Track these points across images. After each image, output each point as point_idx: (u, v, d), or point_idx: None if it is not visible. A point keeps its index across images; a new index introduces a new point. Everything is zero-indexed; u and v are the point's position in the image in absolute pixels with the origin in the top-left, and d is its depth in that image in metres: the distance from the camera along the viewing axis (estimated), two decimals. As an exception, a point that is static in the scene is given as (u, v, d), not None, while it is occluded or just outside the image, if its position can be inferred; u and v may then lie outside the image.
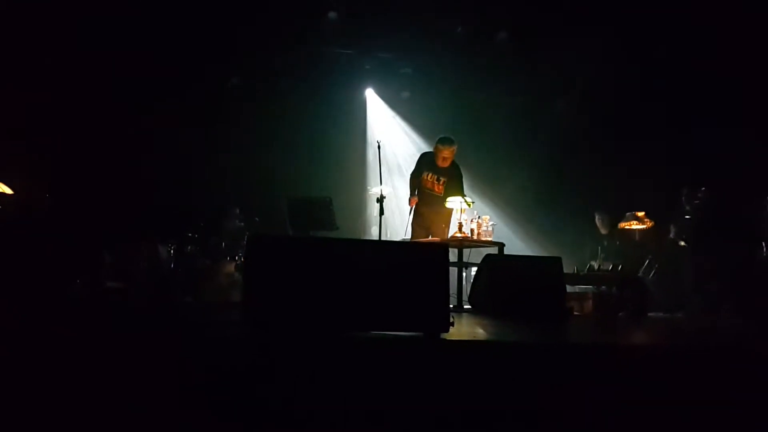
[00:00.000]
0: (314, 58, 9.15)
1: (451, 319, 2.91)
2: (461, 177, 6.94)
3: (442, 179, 6.90)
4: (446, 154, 6.80)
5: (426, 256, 2.93)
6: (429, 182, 6.95)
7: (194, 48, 8.20)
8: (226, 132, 8.69)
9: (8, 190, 6.60)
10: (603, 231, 8.22)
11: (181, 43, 8.08)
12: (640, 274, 7.28)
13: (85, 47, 7.58)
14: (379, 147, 6.98)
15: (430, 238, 6.84)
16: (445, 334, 2.86)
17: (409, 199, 7.00)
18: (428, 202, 6.91)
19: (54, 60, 7.45)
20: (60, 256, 5.99)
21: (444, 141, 6.84)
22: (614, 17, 7.95)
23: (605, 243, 8.12)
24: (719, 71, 7.71)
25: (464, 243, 6.70)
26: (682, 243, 7.61)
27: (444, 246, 3.08)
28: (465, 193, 6.84)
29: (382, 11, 8.38)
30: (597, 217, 8.28)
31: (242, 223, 8.01)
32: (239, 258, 7.18)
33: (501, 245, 6.78)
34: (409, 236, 7.15)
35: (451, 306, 6.11)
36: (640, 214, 7.93)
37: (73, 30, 7.43)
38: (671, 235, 7.74)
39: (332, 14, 8.43)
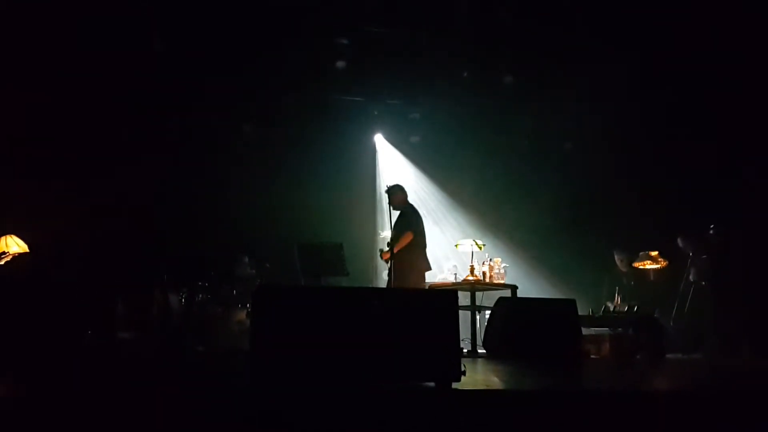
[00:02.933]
0: (323, 106, 9.28)
1: (463, 367, 2.85)
2: (401, 216, 6.89)
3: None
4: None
5: (434, 303, 2.88)
6: None
7: (204, 95, 8.34)
8: (236, 180, 8.77)
9: (24, 246, 6.67)
10: (623, 269, 8.14)
11: (192, 90, 8.23)
12: (656, 314, 7.16)
13: (97, 101, 7.75)
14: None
15: None
16: (458, 383, 2.79)
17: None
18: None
19: (65, 109, 7.62)
20: (72, 307, 5.99)
21: None
22: (626, 55, 7.99)
23: (623, 282, 8.02)
24: (743, 109, 7.68)
25: (476, 286, 6.65)
26: (703, 283, 7.49)
27: (453, 292, 3.04)
28: (475, 237, 6.87)
29: (389, 59, 8.52)
30: (616, 256, 8.21)
31: (253, 270, 8.01)
32: (250, 305, 7.15)
33: (514, 288, 6.72)
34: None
35: (465, 351, 6.07)
36: (654, 253, 7.86)
37: (85, 86, 7.61)
38: (691, 277, 7.64)
39: (341, 63, 8.58)
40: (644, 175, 8.78)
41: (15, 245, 6.65)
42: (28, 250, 6.71)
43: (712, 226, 7.62)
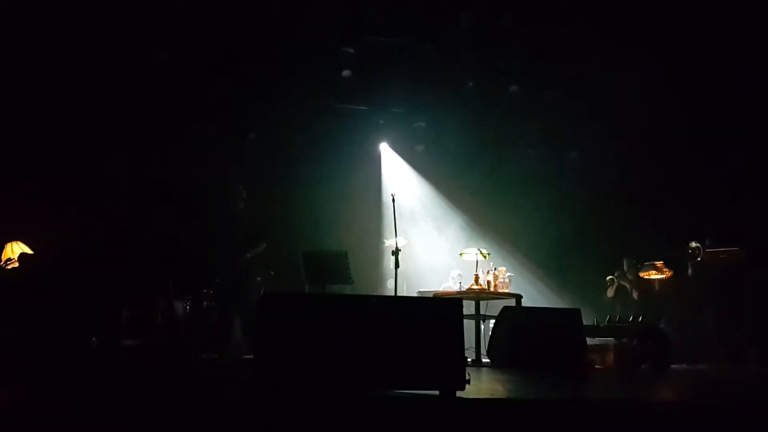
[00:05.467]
0: (329, 115, 9.31)
1: (468, 376, 2.85)
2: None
3: None
4: None
5: (438, 311, 2.89)
6: None
7: (212, 103, 8.38)
8: (242, 187, 8.78)
9: (28, 250, 6.70)
10: (630, 276, 8.13)
11: (199, 98, 8.27)
12: (661, 324, 7.13)
13: (106, 107, 7.80)
14: (393, 200, 7.01)
15: None
16: (462, 391, 2.79)
17: None
18: None
19: (73, 114, 7.67)
20: (77, 313, 6.01)
21: None
22: (634, 63, 7.98)
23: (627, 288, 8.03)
24: (753, 116, 7.66)
25: (481, 295, 6.64)
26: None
27: (457, 300, 3.04)
28: (480, 245, 6.89)
29: (394, 68, 8.56)
30: (626, 262, 8.21)
31: (258, 278, 8.00)
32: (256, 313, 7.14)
33: (518, 297, 6.71)
34: (425, 288, 7.12)
35: (469, 360, 6.06)
36: (659, 263, 7.83)
37: (93, 91, 7.66)
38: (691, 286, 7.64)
39: (346, 72, 8.61)
40: (650, 183, 8.77)
41: (21, 251, 6.68)
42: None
43: (707, 241, 7.63)
